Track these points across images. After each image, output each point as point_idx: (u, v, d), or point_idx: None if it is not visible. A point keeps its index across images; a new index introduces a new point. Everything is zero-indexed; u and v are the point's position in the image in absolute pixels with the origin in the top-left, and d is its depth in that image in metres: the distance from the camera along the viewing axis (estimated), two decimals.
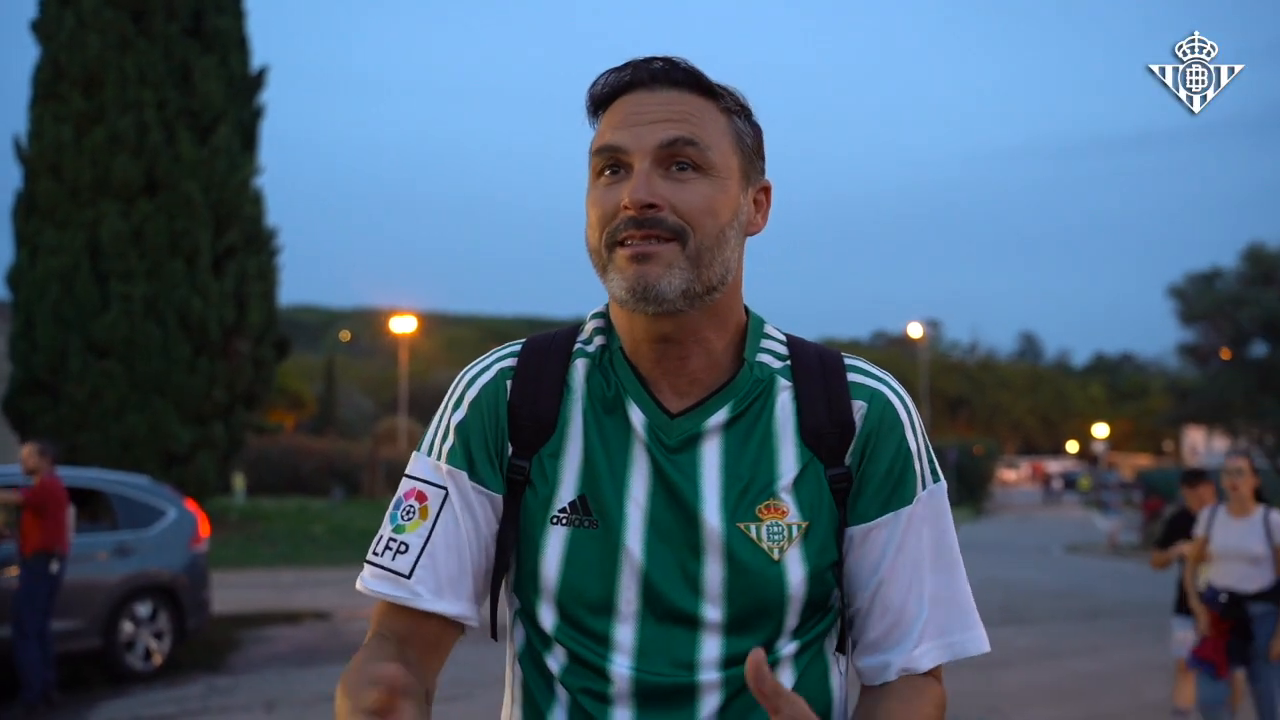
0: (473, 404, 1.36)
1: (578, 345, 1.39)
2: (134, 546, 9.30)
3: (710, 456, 1.31)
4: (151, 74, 19.57)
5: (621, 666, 1.27)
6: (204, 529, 9.97)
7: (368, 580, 1.34)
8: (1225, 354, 30.28)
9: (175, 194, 19.41)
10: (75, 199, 19.18)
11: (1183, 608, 6.68)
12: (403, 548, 1.32)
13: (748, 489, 1.29)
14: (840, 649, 1.37)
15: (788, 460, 1.31)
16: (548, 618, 1.31)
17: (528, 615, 1.34)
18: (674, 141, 1.28)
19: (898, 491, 1.33)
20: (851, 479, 1.32)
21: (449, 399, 1.39)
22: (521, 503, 1.33)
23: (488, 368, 1.39)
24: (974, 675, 8.50)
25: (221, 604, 11.94)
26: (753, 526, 1.28)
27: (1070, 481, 62.91)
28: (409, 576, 1.31)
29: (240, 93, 21.01)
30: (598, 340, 1.39)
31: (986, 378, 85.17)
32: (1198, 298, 30.06)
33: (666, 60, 1.33)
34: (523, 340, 1.42)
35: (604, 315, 1.41)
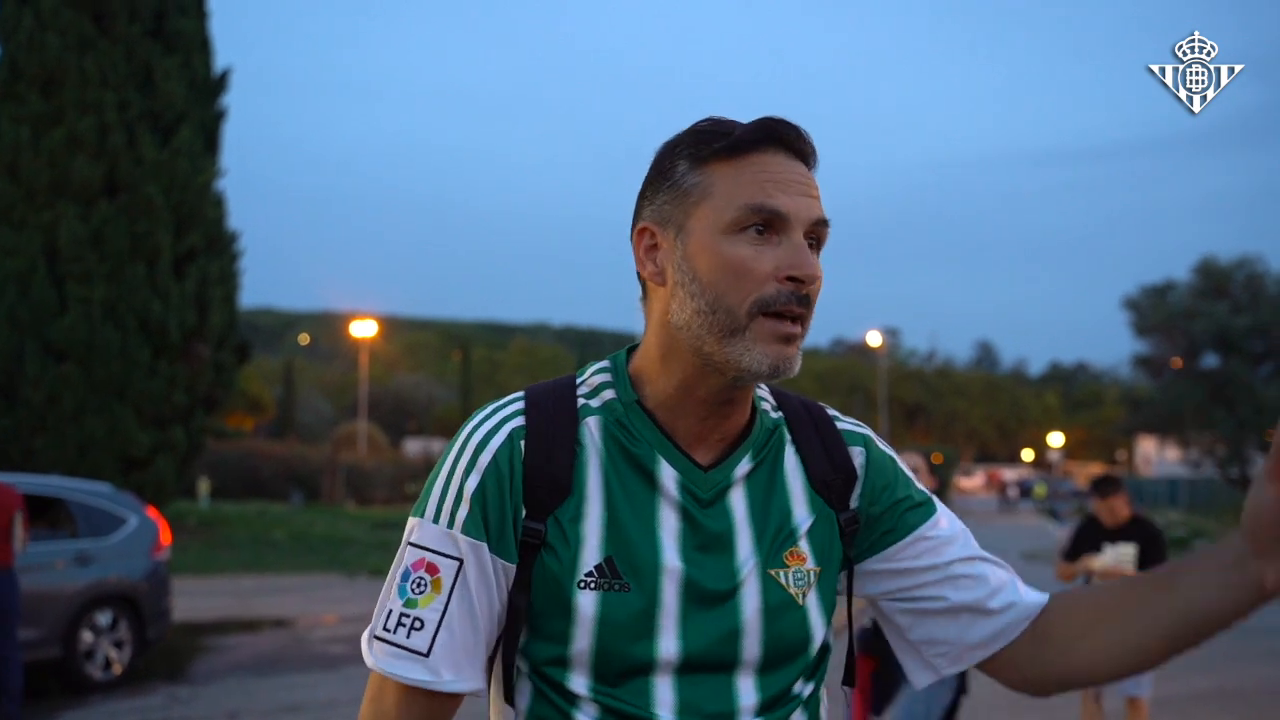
0: (489, 469, 1.29)
1: (581, 401, 1.35)
2: (94, 555, 9.18)
3: (739, 506, 1.33)
4: (113, 75, 19.35)
5: (664, 716, 1.27)
6: (165, 537, 9.86)
7: (382, 661, 1.27)
8: (1177, 364, 30.72)
9: (136, 196, 19.20)
10: (32, 201, 18.92)
11: None
12: (418, 624, 1.27)
13: (776, 536, 1.33)
14: (847, 682, 1.43)
15: (802, 508, 1.35)
16: (578, 682, 1.28)
17: (542, 677, 1.30)
18: (822, 223, 1.30)
19: (921, 505, 1.42)
20: (859, 520, 1.39)
21: (457, 461, 1.31)
22: (536, 567, 1.28)
23: (497, 428, 1.31)
24: None
25: (182, 612, 11.82)
26: (782, 573, 1.32)
27: (1026, 489, 63.46)
28: (428, 655, 1.26)
29: (202, 95, 20.83)
30: (606, 395, 1.35)
31: (944, 385, 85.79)
32: (1151, 310, 30.52)
33: (798, 129, 1.31)
34: (519, 395, 1.36)
35: (608, 371, 1.38)
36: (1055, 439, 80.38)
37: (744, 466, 1.34)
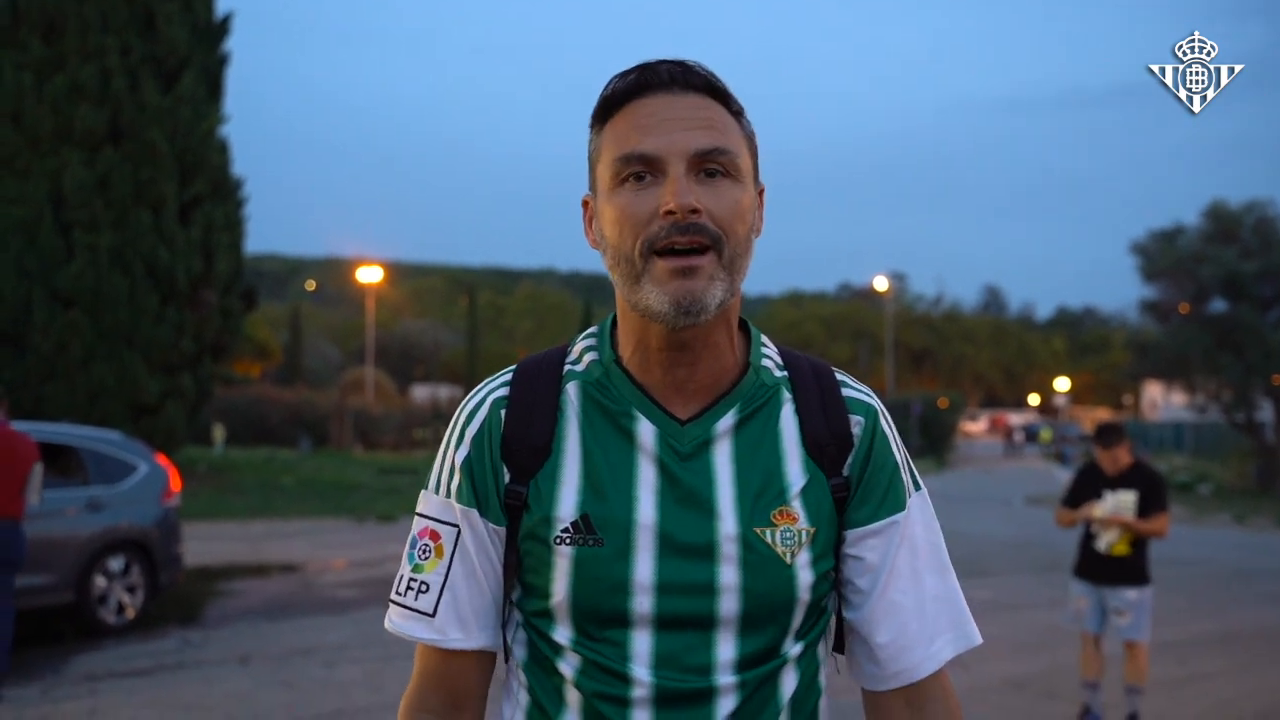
0: (474, 440, 1.37)
1: (567, 367, 1.40)
2: (106, 502, 9.28)
3: (722, 461, 1.33)
4: (114, 20, 19.19)
5: (641, 673, 1.30)
6: (175, 484, 9.95)
7: (395, 621, 1.40)
8: (1184, 309, 30.59)
9: (140, 143, 19.11)
10: (36, 148, 18.85)
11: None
12: (424, 587, 1.37)
13: (761, 494, 1.33)
14: (837, 649, 1.45)
15: (795, 469, 1.35)
16: (561, 633, 1.34)
17: (533, 629, 1.37)
18: (710, 151, 1.29)
19: (890, 499, 1.39)
20: (849, 488, 1.38)
21: (451, 435, 1.41)
22: (522, 526, 1.34)
23: (482, 400, 1.40)
24: None
25: (192, 557, 11.95)
26: (768, 531, 1.32)
27: (1031, 434, 63.57)
28: (434, 615, 1.37)
29: (205, 39, 20.66)
30: (588, 358, 1.40)
31: (951, 330, 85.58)
32: (1160, 254, 30.32)
33: (680, 64, 1.32)
34: (512, 368, 1.43)
35: (594, 335, 1.43)
36: (1062, 384, 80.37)
37: (727, 420, 1.35)
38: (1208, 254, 29.22)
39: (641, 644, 1.30)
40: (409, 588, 1.39)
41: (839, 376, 1.43)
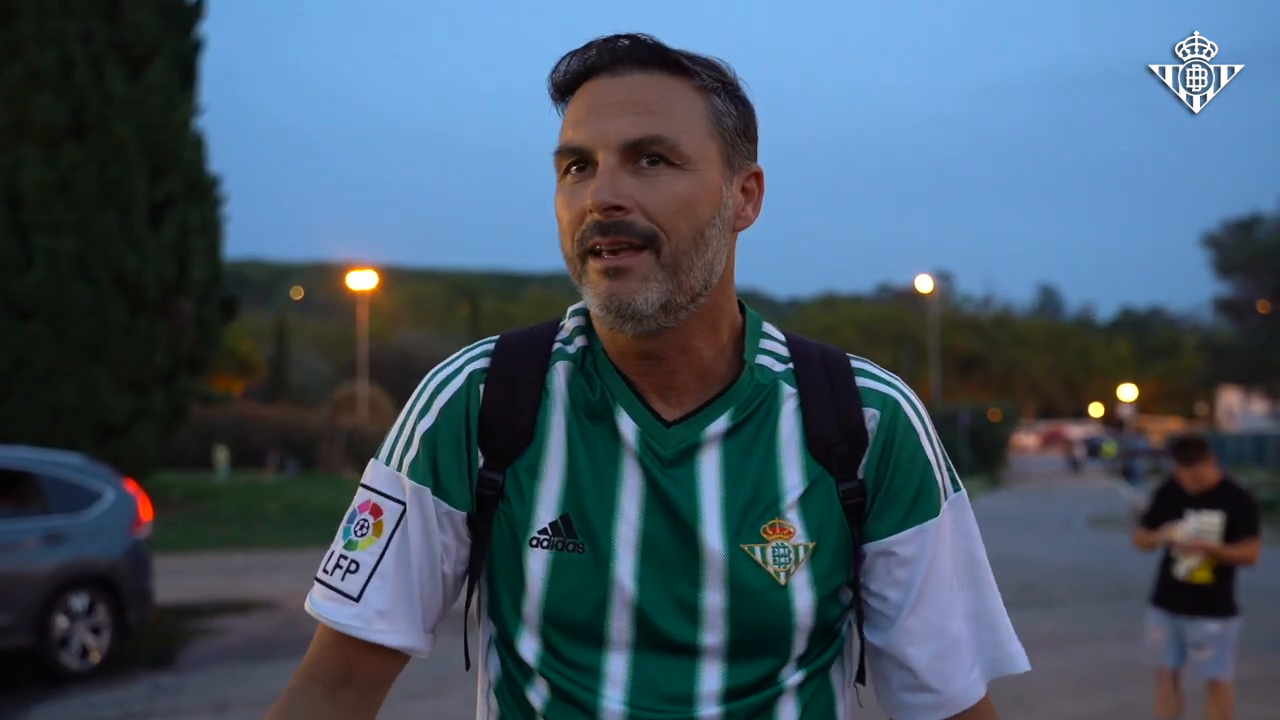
0: (443, 410, 1.34)
1: (557, 345, 1.37)
2: (67, 533, 9.23)
3: (709, 470, 1.30)
4: (76, 3, 19.31)
5: (613, 701, 1.27)
6: (145, 512, 9.92)
7: (315, 601, 1.34)
8: (1263, 307, 30.42)
9: (105, 137, 19.21)
10: None
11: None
12: (353, 566, 1.32)
13: (751, 507, 1.29)
14: (860, 680, 1.40)
15: (793, 475, 1.31)
16: (529, 648, 1.31)
17: (505, 644, 1.34)
18: (640, 140, 1.25)
19: (920, 504, 1.34)
20: (866, 493, 1.33)
21: (414, 402, 1.37)
22: (495, 521, 1.31)
23: (459, 370, 1.36)
24: None
25: (165, 593, 11.92)
26: (757, 548, 1.28)
27: (1094, 448, 63.38)
28: (358, 599, 1.31)
29: (176, 22, 20.78)
30: (579, 340, 1.37)
31: (1002, 334, 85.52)
32: (1235, 247, 30.20)
33: (630, 39, 1.30)
34: (496, 338, 1.40)
35: (586, 312, 1.39)
36: (1127, 392, 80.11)
37: (718, 425, 1.32)
38: None
39: (617, 667, 1.28)
40: (337, 566, 1.33)
41: (855, 364, 1.38)
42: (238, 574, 15.59)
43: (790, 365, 1.36)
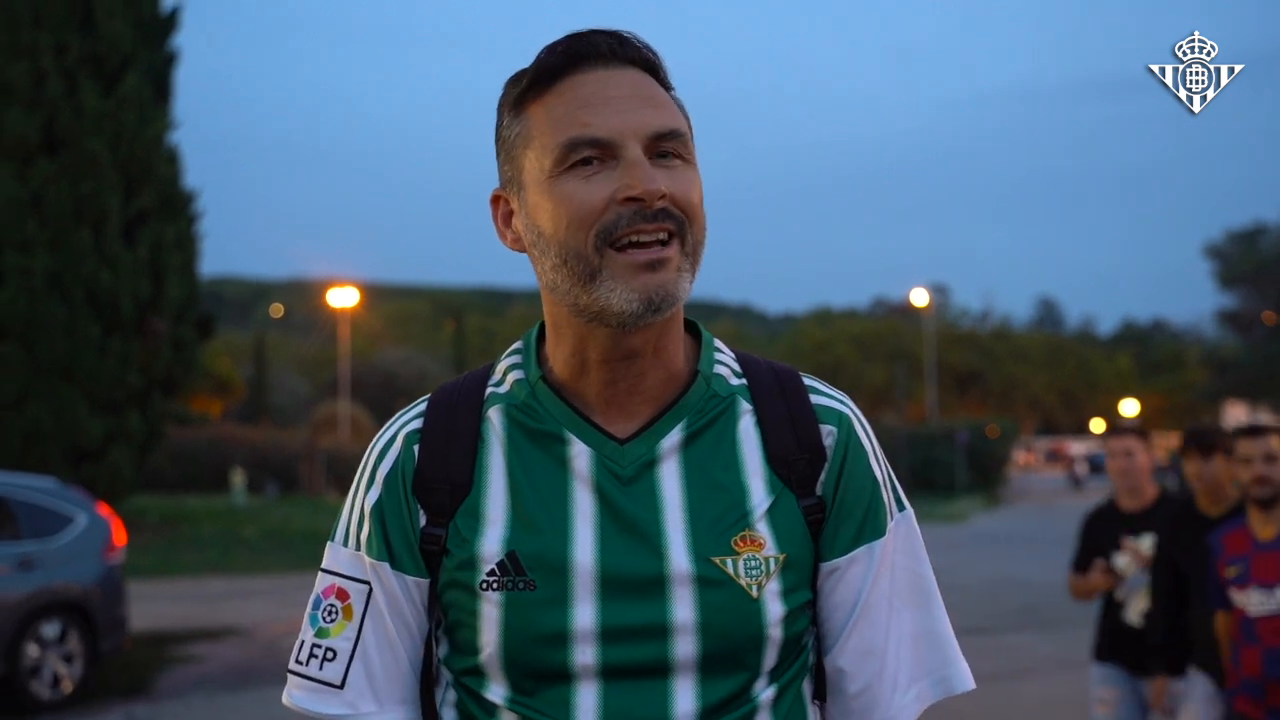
0: (385, 480, 1.36)
1: (489, 390, 1.39)
2: (39, 559, 9.22)
3: (670, 484, 1.32)
4: (47, 14, 19.32)
5: None
6: (119, 537, 9.91)
7: (296, 696, 1.35)
8: (1269, 319, 30.54)
9: (78, 152, 19.21)
10: None
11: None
12: (330, 654, 1.34)
13: (719, 519, 1.31)
14: (818, 696, 1.41)
15: (758, 489, 1.34)
16: (495, 691, 1.31)
17: (464, 688, 1.34)
18: (667, 132, 1.29)
19: (869, 523, 1.38)
20: (825, 510, 1.36)
21: (359, 477, 1.39)
22: (442, 574, 1.33)
23: (394, 436, 1.38)
24: (993, 688, 8.55)
25: (140, 620, 11.88)
26: (729, 560, 1.30)
27: (1095, 465, 63.42)
28: (342, 686, 1.33)
29: (151, 35, 20.81)
30: (512, 377, 1.39)
31: (1000, 349, 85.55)
32: (1239, 257, 30.35)
33: (615, 35, 1.32)
34: (427, 397, 1.42)
35: (519, 351, 1.41)
36: (1129, 407, 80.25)
37: (673, 437, 1.34)
38: None
39: (586, 699, 1.28)
40: (312, 655, 1.35)
41: (807, 381, 1.42)
42: (215, 600, 15.56)
43: (744, 380, 1.39)
